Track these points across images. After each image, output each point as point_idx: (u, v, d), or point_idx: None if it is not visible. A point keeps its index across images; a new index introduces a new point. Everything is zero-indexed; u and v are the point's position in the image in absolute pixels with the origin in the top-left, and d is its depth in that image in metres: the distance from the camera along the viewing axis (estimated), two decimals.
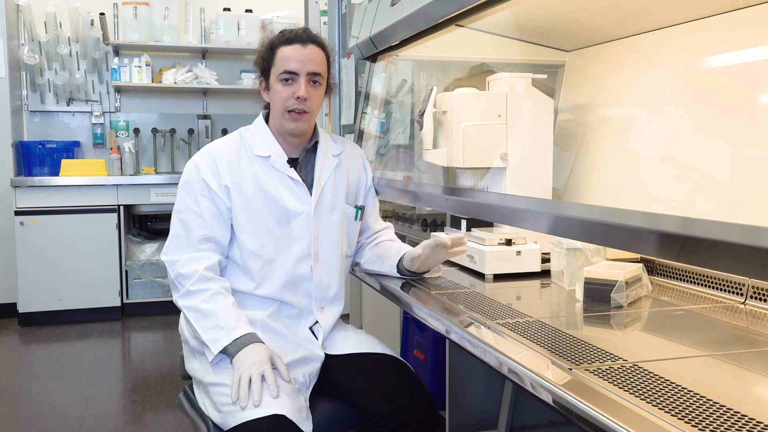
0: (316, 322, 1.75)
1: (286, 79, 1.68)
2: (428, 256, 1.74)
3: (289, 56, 1.68)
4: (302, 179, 1.75)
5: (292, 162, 1.77)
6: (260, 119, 1.80)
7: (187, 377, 1.79)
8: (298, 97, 1.67)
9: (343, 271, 1.82)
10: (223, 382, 1.56)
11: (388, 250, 1.88)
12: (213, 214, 1.69)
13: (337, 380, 1.69)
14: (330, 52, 1.75)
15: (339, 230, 1.79)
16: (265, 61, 1.72)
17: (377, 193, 1.99)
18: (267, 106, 1.79)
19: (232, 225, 1.71)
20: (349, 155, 1.87)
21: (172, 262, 1.67)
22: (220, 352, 1.56)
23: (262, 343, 1.57)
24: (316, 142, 1.81)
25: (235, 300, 1.68)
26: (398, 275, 1.81)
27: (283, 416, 1.45)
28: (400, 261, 1.80)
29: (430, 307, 1.52)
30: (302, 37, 1.69)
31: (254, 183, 1.71)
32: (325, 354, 1.71)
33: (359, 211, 1.86)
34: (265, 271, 1.70)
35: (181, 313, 1.68)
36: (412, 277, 1.81)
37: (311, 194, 1.75)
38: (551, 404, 1.02)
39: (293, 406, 1.50)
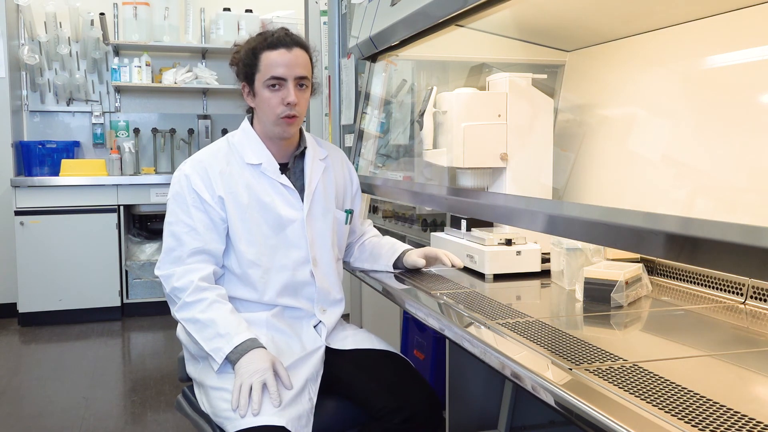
0: (320, 322, 1.75)
1: (273, 85, 1.66)
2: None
3: (275, 62, 1.65)
4: (292, 185, 1.75)
5: (282, 168, 1.76)
6: (246, 124, 1.79)
7: (186, 379, 1.79)
8: (288, 103, 1.66)
9: (338, 273, 1.84)
10: (224, 387, 1.56)
11: (378, 248, 1.94)
12: (206, 226, 1.68)
13: (341, 377, 1.70)
14: (313, 54, 1.74)
15: (332, 234, 1.80)
16: (247, 66, 1.69)
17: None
18: (249, 110, 1.79)
19: (228, 235, 1.70)
20: (333, 159, 1.89)
21: (166, 277, 1.66)
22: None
23: (264, 348, 1.56)
24: (305, 148, 1.81)
25: (238, 306, 1.68)
26: (392, 271, 1.90)
27: (281, 427, 1.45)
28: (398, 260, 1.89)
29: (430, 306, 1.53)
30: (286, 41, 1.67)
31: (248, 192, 1.70)
32: (329, 349, 1.72)
33: (349, 215, 1.88)
34: (266, 279, 1.70)
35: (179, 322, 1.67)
36: (402, 272, 1.90)
37: (303, 200, 1.75)
38: (551, 404, 1.02)
39: (294, 414, 1.50)
